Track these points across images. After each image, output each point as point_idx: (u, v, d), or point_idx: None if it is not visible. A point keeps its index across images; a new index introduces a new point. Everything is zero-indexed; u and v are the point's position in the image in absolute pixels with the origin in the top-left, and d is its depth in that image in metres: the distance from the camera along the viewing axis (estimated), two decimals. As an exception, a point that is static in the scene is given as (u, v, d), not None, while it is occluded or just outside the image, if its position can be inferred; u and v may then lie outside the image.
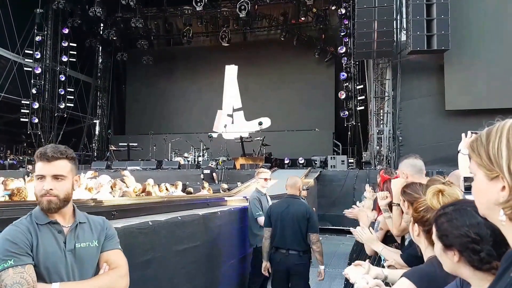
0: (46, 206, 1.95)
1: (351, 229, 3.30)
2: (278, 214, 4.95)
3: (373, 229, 3.59)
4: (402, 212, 3.00)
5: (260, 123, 19.02)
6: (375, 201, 4.25)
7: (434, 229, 1.48)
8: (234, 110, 24.07)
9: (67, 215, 2.04)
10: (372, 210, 4.60)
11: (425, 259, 1.88)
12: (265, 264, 5.01)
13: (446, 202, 1.71)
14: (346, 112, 18.97)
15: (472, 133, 2.27)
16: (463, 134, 2.39)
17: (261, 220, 5.51)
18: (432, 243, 1.61)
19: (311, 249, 4.93)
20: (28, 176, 10.00)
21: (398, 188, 3.23)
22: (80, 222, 2.06)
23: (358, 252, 5.08)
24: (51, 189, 1.96)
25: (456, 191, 1.81)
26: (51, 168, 1.98)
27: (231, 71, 24.43)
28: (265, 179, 5.79)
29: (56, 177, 1.98)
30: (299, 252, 4.83)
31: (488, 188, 0.98)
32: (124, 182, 7.06)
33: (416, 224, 1.94)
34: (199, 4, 18.93)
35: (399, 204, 3.16)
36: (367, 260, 3.01)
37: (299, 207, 4.96)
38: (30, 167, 16.69)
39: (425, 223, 1.85)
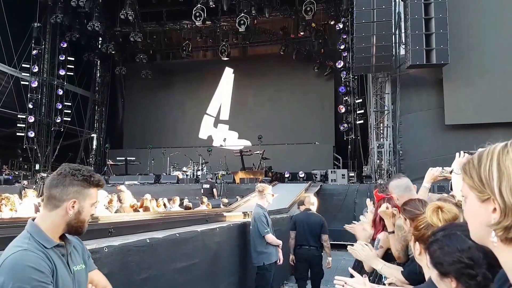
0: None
1: (349, 248, 3.25)
2: (301, 221, 6.74)
3: (373, 246, 3.52)
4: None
5: (260, 137, 18.92)
6: (374, 220, 4.24)
7: (428, 257, 1.49)
8: (233, 124, 23.98)
9: None
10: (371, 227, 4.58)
11: (426, 277, 1.81)
12: (292, 257, 6.71)
13: (446, 218, 1.73)
14: (346, 125, 18.91)
15: (464, 152, 2.36)
16: (457, 154, 2.42)
17: (269, 237, 5.60)
18: None
19: (323, 246, 6.70)
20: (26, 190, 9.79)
21: (388, 218, 3.13)
22: (73, 244, 1.97)
23: (359, 269, 5.00)
24: None
25: (452, 207, 1.80)
26: None
27: (230, 85, 24.41)
28: (273, 195, 5.94)
29: None
30: (317, 248, 6.66)
31: (480, 210, 1.00)
32: (119, 198, 6.91)
33: (417, 243, 1.91)
34: (198, 18, 18.93)
35: (393, 231, 3.09)
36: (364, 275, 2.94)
37: (316, 217, 6.80)
38: (25, 182, 16.46)
39: (427, 241, 1.79)
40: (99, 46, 23.64)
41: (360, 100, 18.24)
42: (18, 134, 20.16)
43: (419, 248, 1.88)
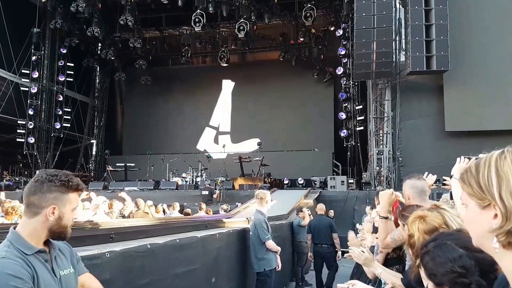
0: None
1: (349, 250, 3.25)
2: (315, 225, 8.37)
3: (373, 252, 3.55)
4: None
5: (259, 143, 18.89)
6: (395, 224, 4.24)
7: (422, 269, 1.50)
8: (233, 130, 23.96)
9: None
10: (371, 233, 4.63)
11: (425, 284, 1.75)
12: (310, 254, 8.39)
13: (424, 228, 1.77)
14: (345, 131, 18.80)
15: (464, 157, 2.36)
16: (457, 159, 2.41)
17: (270, 243, 5.60)
18: None
19: (334, 243, 8.20)
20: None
21: (385, 201, 3.15)
22: (59, 249, 1.93)
23: (359, 275, 5.13)
24: None
25: (437, 218, 1.82)
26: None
27: (229, 91, 24.41)
28: (271, 200, 6.07)
29: None
30: (328, 245, 8.18)
31: (480, 217, 1.02)
32: (137, 204, 6.87)
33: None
34: (197, 24, 18.96)
35: (386, 217, 3.15)
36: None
37: (326, 220, 8.57)
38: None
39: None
40: (99, 52, 23.64)
41: (361, 107, 18.17)
42: (18, 140, 20.13)
43: None
